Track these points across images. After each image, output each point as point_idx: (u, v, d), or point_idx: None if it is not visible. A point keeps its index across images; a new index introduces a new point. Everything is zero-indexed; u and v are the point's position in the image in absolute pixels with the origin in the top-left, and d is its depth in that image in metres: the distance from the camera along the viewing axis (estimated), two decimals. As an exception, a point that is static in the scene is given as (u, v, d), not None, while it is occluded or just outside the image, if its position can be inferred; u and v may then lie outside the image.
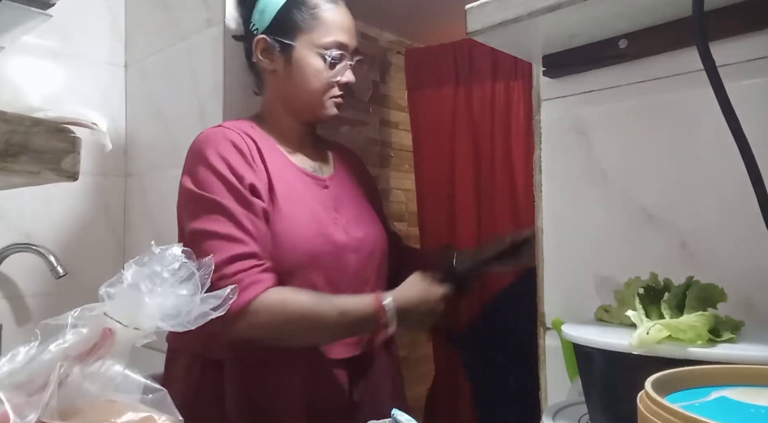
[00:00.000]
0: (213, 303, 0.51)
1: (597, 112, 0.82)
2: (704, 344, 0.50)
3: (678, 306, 0.56)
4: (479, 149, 2.24)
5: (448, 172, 2.26)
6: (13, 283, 1.44)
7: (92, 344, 0.49)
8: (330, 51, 1.07)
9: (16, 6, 0.94)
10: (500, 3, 0.71)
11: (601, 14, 0.70)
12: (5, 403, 0.44)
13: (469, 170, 2.25)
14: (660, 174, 0.76)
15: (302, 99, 1.10)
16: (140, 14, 1.64)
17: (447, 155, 2.27)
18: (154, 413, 0.48)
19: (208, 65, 1.35)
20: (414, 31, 2.45)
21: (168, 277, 0.50)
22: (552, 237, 0.87)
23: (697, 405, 0.37)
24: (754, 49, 0.67)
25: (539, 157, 0.88)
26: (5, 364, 0.48)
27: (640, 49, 0.75)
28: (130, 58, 1.67)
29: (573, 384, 0.78)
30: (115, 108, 1.65)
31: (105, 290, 0.50)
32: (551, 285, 0.87)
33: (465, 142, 2.25)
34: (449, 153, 2.28)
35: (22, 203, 1.43)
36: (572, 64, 0.82)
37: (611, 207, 0.80)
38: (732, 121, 0.53)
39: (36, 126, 0.58)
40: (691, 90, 0.72)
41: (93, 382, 0.48)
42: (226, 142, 0.99)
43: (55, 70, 1.55)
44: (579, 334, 0.58)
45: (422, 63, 2.32)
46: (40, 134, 0.58)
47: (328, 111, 1.10)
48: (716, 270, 0.68)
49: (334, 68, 1.08)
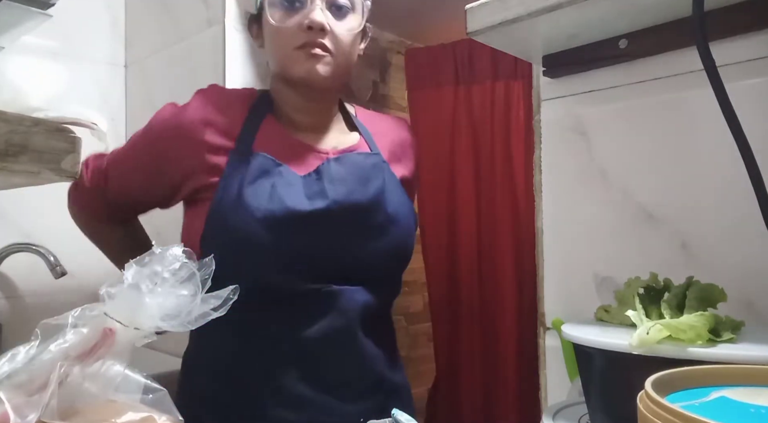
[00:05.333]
0: (213, 303, 0.51)
1: (597, 112, 0.82)
2: (704, 344, 0.50)
3: (678, 306, 0.56)
4: (479, 149, 2.24)
5: (448, 171, 2.27)
6: (13, 283, 1.44)
7: (92, 344, 0.49)
8: None
9: (16, 6, 0.95)
10: (500, 3, 0.71)
11: (601, 14, 0.70)
12: (5, 403, 0.44)
13: (469, 170, 2.25)
14: (660, 174, 0.76)
15: (277, 62, 0.94)
16: (140, 14, 1.64)
17: (447, 155, 2.27)
18: (154, 413, 0.48)
19: (208, 65, 1.35)
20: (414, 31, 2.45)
21: (168, 278, 0.50)
22: (552, 237, 0.87)
23: (697, 405, 0.37)
24: (754, 49, 0.68)
25: (539, 157, 0.88)
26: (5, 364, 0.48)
27: (640, 49, 0.75)
28: (130, 58, 1.67)
29: (573, 384, 0.78)
30: (115, 108, 1.65)
31: (105, 290, 0.50)
32: (551, 285, 0.87)
33: (465, 142, 2.26)
34: (449, 153, 2.28)
35: (22, 203, 1.43)
36: (572, 64, 0.82)
37: (611, 207, 0.80)
38: (732, 121, 0.53)
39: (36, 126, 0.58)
40: (691, 90, 0.72)
41: (93, 382, 0.48)
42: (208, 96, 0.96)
43: (55, 70, 1.55)
44: (579, 334, 0.58)
45: (422, 63, 2.32)
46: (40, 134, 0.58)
47: (298, 66, 0.90)
48: (716, 270, 0.68)
49: (295, 14, 0.89)
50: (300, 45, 0.89)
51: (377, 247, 0.91)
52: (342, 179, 0.91)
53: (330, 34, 0.90)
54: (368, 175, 0.93)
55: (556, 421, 0.65)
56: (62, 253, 1.39)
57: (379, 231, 0.92)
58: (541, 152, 0.88)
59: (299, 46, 0.89)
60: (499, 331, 2.18)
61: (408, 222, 0.95)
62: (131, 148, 0.99)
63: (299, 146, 0.94)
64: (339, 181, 0.90)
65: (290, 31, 0.90)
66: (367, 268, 0.92)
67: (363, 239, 0.91)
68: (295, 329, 0.88)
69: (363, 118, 1.05)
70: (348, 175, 0.92)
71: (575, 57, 0.81)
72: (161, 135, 0.94)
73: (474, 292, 2.25)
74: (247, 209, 0.86)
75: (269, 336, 0.88)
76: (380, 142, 1.01)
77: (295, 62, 0.90)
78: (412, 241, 0.97)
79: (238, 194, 0.87)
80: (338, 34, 0.91)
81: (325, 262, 0.88)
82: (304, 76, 0.90)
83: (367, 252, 0.91)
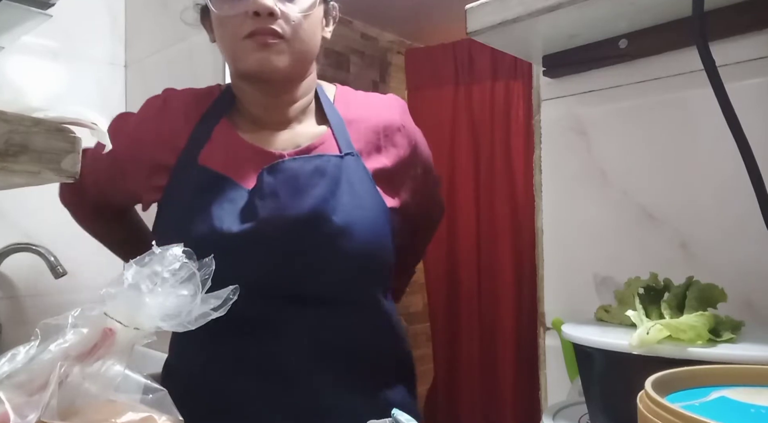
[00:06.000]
0: (214, 303, 0.51)
1: (597, 112, 0.82)
2: (704, 344, 0.50)
3: (678, 306, 0.56)
4: (479, 149, 2.24)
5: (448, 171, 2.27)
6: (13, 283, 1.44)
7: (92, 344, 0.49)
8: None
9: (16, 6, 0.95)
10: (500, 3, 0.71)
11: (601, 14, 0.70)
12: (5, 403, 0.44)
13: (469, 170, 2.25)
14: (660, 174, 0.76)
15: (226, 55, 0.86)
16: (140, 14, 1.64)
17: (447, 155, 2.28)
18: (154, 413, 0.48)
19: (208, 65, 1.35)
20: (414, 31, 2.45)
21: (168, 278, 0.50)
22: (552, 237, 0.87)
23: (697, 405, 0.37)
24: (754, 49, 0.68)
25: (539, 157, 0.88)
26: (5, 364, 0.48)
27: (640, 49, 0.75)
28: (130, 58, 1.67)
29: (573, 384, 0.78)
30: (115, 108, 1.65)
31: (105, 290, 0.50)
32: (551, 285, 0.87)
33: (465, 142, 2.26)
34: (449, 153, 2.28)
35: (22, 203, 1.43)
36: (572, 64, 0.82)
37: (611, 207, 0.80)
38: (732, 121, 0.53)
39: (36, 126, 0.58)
40: (691, 90, 0.72)
41: (93, 382, 0.48)
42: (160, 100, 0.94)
43: (55, 70, 1.55)
44: (579, 334, 0.58)
45: (422, 63, 2.32)
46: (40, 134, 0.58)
47: (248, 57, 0.82)
48: (716, 270, 0.68)
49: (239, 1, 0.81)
50: (248, 34, 0.80)
51: (328, 263, 0.82)
52: (273, 193, 0.81)
53: (282, 18, 0.81)
54: (306, 184, 0.82)
55: (556, 421, 0.65)
56: (62, 253, 1.39)
57: (327, 245, 0.82)
58: (541, 152, 0.88)
59: (247, 34, 0.80)
60: (499, 331, 2.18)
61: (369, 227, 0.84)
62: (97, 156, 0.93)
63: (251, 153, 0.86)
64: (270, 195, 0.81)
65: (236, 19, 0.81)
66: (323, 284, 0.83)
67: (307, 256, 0.82)
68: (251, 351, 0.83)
69: (341, 104, 0.95)
70: (281, 187, 0.82)
71: (575, 57, 0.81)
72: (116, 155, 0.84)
73: (473, 292, 2.25)
74: (181, 230, 0.82)
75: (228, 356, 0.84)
76: (355, 131, 0.90)
77: (245, 53, 0.82)
78: (378, 247, 0.86)
79: (175, 213, 0.85)
80: (291, 17, 0.82)
81: (264, 284, 0.81)
82: (256, 69, 0.82)
83: (317, 269, 0.82)
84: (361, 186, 0.86)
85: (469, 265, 2.25)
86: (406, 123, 0.97)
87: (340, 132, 0.90)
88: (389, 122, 0.94)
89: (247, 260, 0.80)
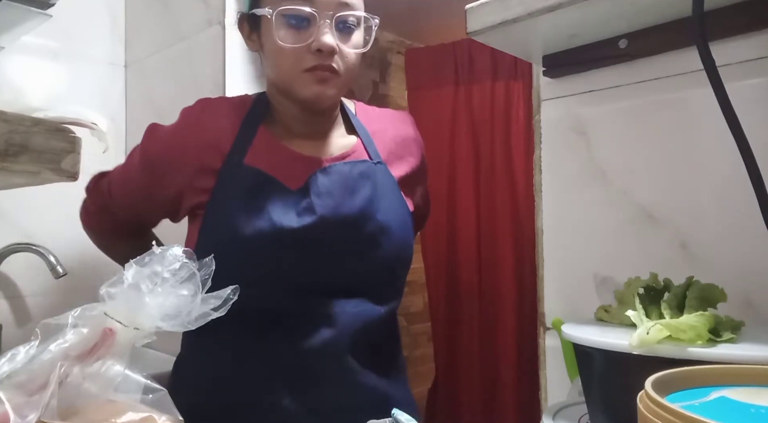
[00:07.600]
0: (213, 303, 0.51)
1: (597, 112, 0.82)
2: (704, 344, 0.50)
3: (678, 306, 0.56)
4: (479, 149, 2.24)
5: (448, 171, 2.27)
6: (13, 283, 1.44)
7: (92, 344, 0.49)
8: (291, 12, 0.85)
9: (16, 6, 0.95)
10: (500, 3, 0.71)
11: (601, 14, 0.70)
12: (5, 403, 0.44)
13: (469, 170, 2.25)
14: (660, 174, 0.76)
15: (280, 79, 0.91)
16: (140, 14, 1.64)
17: (447, 155, 2.27)
18: (154, 413, 0.48)
19: (208, 65, 1.35)
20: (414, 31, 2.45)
21: (168, 278, 0.50)
22: (552, 237, 0.87)
23: (697, 405, 0.37)
24: (754, 49, 0.68)
25: (539, 157, 0.88)
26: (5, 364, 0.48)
27: (640, 49, 0.75)
28: (130, 58, 1.67)
29: (573, 384, 0.78)
30: (115, 108, 1.65)
31: (105, 290, 0.50)
32: (551, 285, 0.87)
33: (465, 141, 2.26)
34: (449, 152, 2.28)
35: (22, 203, 1.43)
36: (572, 64, 0.82)
37: (611, 207, 0.80)
38: (732, 121, 0.53)
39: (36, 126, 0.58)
40: (691, 90, 0.72)
41: (93, 382, 0.48)
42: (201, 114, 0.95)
43: (55, 70, 1.55)
44: (579, 334, 0.58)
45: (422, 63, 2.32)
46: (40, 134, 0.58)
47: (306, 89, 0.87)
48: (716, 270, 0.68)
49: (302, 33, 0.85)
50: (309, 68, 0.86)
51: (370, 259, 0.89)
52: (329, 192, 0.89)
53: (339, 54, 0.87)
54: (355, 186, 0.90)
55: (556, 421, 0.65)
56: (62, 253, 1.39)
57: (371, 242, 0.89)
58: (541, 152, 0.88)
59: (308, 68, 0.86)
60: (499, 331, 2.18)
61: (401, 228, 0.93)
62: (130, 169, 0.99)
63: (293, 158, 0.92)
64: (326, 194, 0.88)
65: (298, 51, 0.86)
66: (363, 279, 0.90)
67: (354, 252, 0.89)
68: (287, 347, 0.86)
69: (363, 117, 1.02)
70: (335, 188, 0.89)
71: (575, 57, 0.81)
72: (154, 161, 0.94)
73: (474, 292, 2.25)
74: (236, 228, 0.85)
75: (261, 354, 0.87)
76: (380, 142, 0.98)
77: (304, 85, 0.87)
78: (407, 246, 0.95)
79: (227, 212, 0.87)
80: (346, 54, 0.88)
81: (316, 278, 0.87)
82: (313, 100, 0.89)
83: (361, 264, 0.89)
84: (391, 191, 0.94)
85: (469, 265, 2.25)
86: (417, 136, 1.06)
87: (368, 142, 0.98)
88: (406, 134, 1.03)
89: (305, 255, 0.86)
